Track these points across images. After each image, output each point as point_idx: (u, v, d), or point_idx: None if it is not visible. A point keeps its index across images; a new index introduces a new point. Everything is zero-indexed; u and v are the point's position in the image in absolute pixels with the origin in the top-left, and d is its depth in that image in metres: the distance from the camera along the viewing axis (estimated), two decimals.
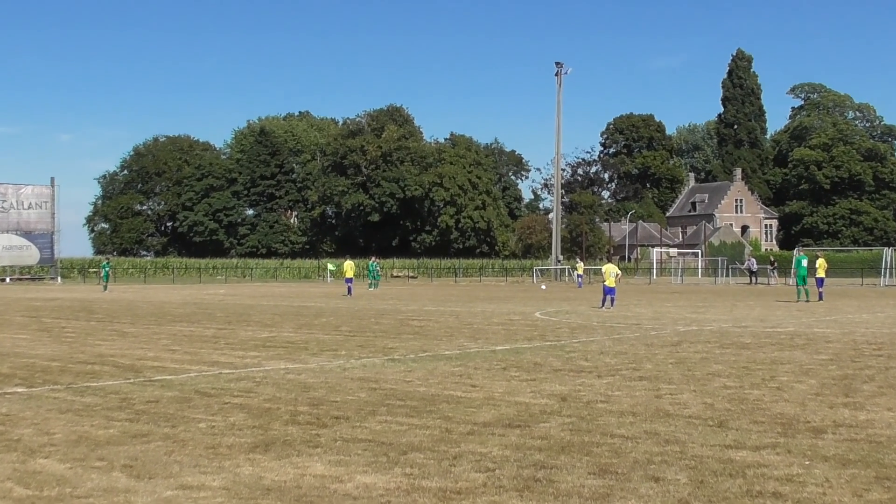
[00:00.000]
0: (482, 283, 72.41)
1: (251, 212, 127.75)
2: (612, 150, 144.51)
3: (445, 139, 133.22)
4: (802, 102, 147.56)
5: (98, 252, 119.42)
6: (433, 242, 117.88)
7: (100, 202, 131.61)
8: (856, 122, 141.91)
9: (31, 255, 76.46)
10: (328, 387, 12.29)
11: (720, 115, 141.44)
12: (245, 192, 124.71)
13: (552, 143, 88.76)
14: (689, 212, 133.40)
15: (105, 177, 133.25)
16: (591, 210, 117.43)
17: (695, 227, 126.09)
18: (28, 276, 75.96)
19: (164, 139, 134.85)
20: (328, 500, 6.70)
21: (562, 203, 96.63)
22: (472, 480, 7.20)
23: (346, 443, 8.53)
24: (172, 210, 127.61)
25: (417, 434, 8.91)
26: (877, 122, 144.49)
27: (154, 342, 19.14)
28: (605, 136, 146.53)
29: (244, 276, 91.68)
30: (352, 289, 45.82)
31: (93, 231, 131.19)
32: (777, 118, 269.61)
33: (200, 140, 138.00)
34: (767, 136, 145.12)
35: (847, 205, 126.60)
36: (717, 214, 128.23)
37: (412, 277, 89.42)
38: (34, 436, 8.97)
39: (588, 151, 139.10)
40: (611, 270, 32.83)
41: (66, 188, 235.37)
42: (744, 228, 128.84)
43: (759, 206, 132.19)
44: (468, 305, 34.86)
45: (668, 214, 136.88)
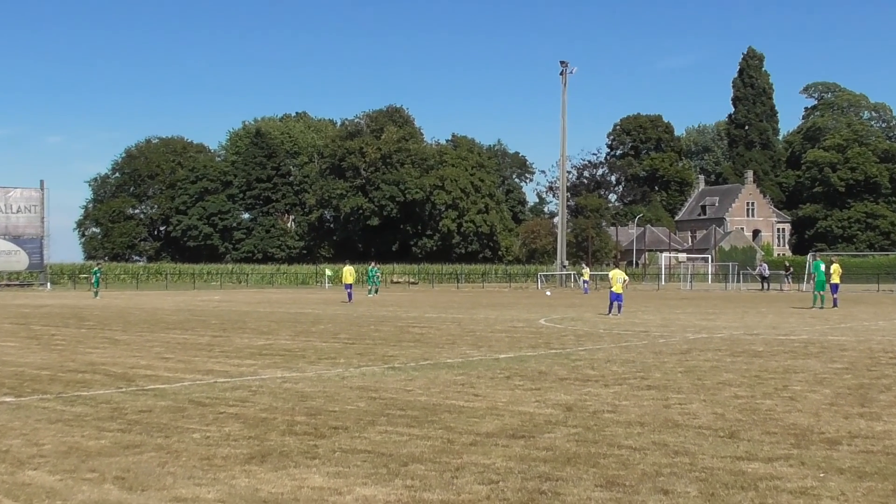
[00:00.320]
0: (485, 290, 72.42)
1: (247, 216, 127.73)
2: (619, 152, 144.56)
3: (447, 140, 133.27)
4: (816, 102, 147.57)
5: (89, 257, 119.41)
6: (434, 247, 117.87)
7: (90, 206, 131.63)
8: (871, 123, 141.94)
9: (20, 261, 76.48)
10: (326, 396, 12.30)
11: (731, 116, 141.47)
12: (240, 196, 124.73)
13: (557, 145, 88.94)
14: (699, 215, 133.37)
15: (96, 180, 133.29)
16: (598, 214, 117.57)
17: (705, 232, 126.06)
18: (17, 282, 75.98)
19: (157, 141, 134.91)
20: None
21: (567, 206, 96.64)
22: (475, 493, 7.20)
23: (345, 454, 8.54)
24: (165, 214, 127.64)
25: (418, 445, 8.92)
26: (893, 123, 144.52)
27: (147, 350, 19.15)
28: (612, 138, 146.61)
29: (239, 282, 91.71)
30: (352, 294, 45.83)
31: (83, 236, 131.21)
32: (790, 118, 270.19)
33: (194, 142, 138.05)
34: (780, 137, 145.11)
35: (862, 208, 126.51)
36: (728, 218, 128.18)
37: (413, 283, 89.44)
38: (23, 447, 8.98)
39: (594, 153, 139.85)
40: (618, 276, 32.85)
41: (56, 191, 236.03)
42: (755, 233, 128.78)
43: (772, 210, 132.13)
44: (470, 312, 34.87)
45: (677, 218, 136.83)
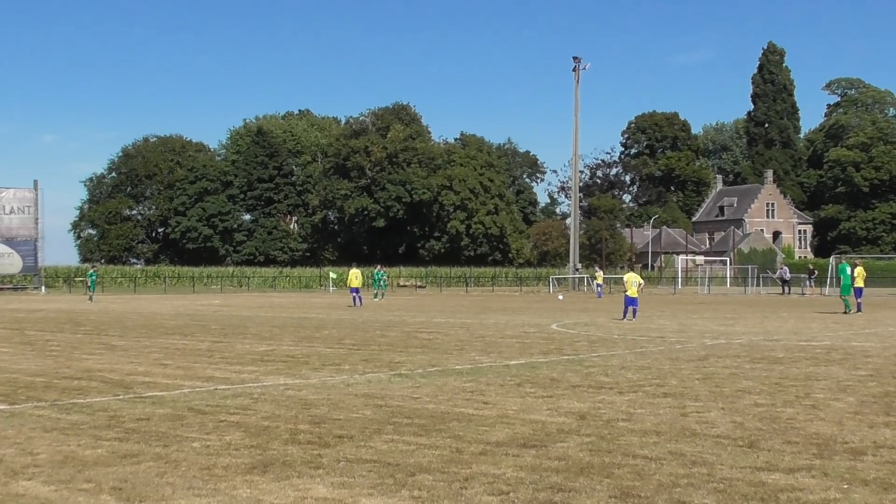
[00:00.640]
0: (495, 293, 72.39)
1: (248, 217, 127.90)
2: (634, 151, 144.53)
3: (455, 139, 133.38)
4: (839, 99, 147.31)
5: (84, 260, 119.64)
6: (442, 250, 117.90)
7: (86, 207, 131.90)
8: None
9: (13, 264, 76.71)
10: (331, 404, 12.30)
11: (750, 113, 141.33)
12: (241, 196, 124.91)
13: (569, 144, 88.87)
14: (717, 217, 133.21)
15: (92, 180, 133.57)
16: (612, 215, 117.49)
17: (723, 234, 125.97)
18: (10, 286, 76.20)
19: (155, 139, 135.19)
20: None
21: (580, 207, 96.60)
22: None
23: (350, 463, 8.54)
24: (164, 215, 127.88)
25: (426, 454, 8.92)
26: None
27: (145, 356, 19.19)
28: (627, 136, 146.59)
29: (241, 286, 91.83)
30: (359, 299, 45.75)
31: (79, 237, 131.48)
32: (811, 116, 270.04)
33: (194, 140, 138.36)
34: (801, 136, 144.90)
35: (887, 209, 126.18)
36: (747, 219, 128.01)
37: (420, 287, 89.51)
38: (17, 456, 8.99)
39: (608, 152, 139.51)
40: (633, 279, 32.81)
41: (51, 192, 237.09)
42: (775, 234, 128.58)
43: (792, 211, 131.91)
44: (480, 317, 34.86)
45: (694, 220, 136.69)
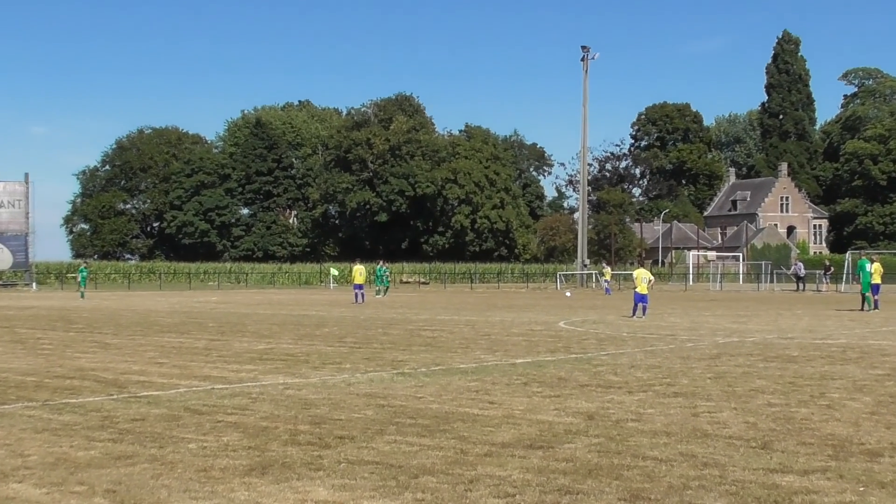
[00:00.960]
0: (500, 290, 72.38)
1: (246, 211, 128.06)
2: (644, 143, 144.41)
3: (460, 131, 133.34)
4: (856, 89, 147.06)
5: (77, 255, 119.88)
6: (447, 245, 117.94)
7: (79, 201, 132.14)
8: None
9: (4, 260, 76.75)
10: (331, 403, 12.31)
11: (764, 104, 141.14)
12: (239, 190, 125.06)
13: (577, 136, 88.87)
14: (730, 211, 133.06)
15: (84, 173, 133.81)
16: (621, 209, 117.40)
17: (735, 228, 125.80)
18: (0, 283, 76.29)
19: (150, 131, 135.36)
20: None
21: (588, 201, 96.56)
22: None
23: (352, 465, 8.54)
24: (159, 209, 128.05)
25: (430, 456, 8.92)
26: None
27: (139, 354, 19.21)
28: (637, 128, 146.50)
29: (238, 282, 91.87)
30: (362, 296, 45.76)
31: (71, 232, 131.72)
32: (827, 107, 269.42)
33: (190, 132, 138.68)
34: (816, 128, 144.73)
35: None
36: (761, 214, 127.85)
37: (424, 283, 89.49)
38: (7, 458, 9.01)
39: (617, 144, 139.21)
40: (642, 276, 32.79)
41: (42, 185, 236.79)
42: (790, 229, 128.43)
43: (807, 205, 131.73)
44: (485, 314, 34.86)
45: (706, 214, 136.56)
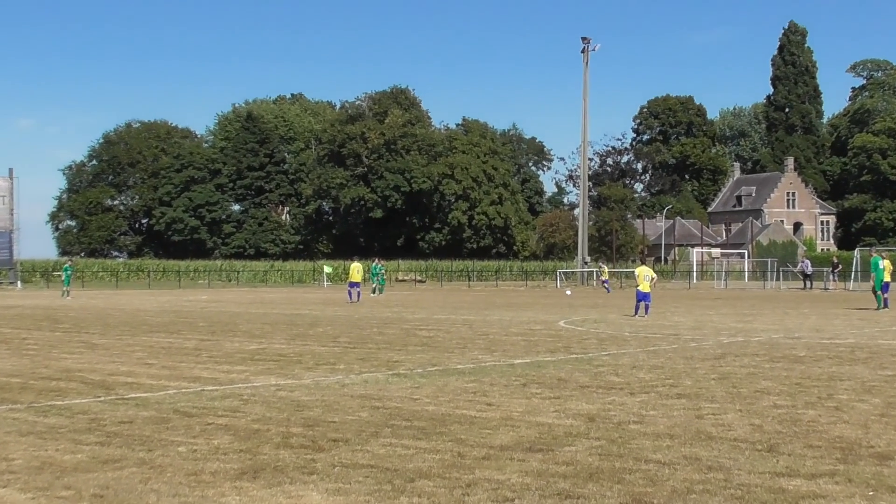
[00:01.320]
0: (499, 288, 72.42)
1: (237, 207, 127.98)
2: (646, 137, 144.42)
3: (457, 125, 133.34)
4: (864, 82, 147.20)
5: (63, 253, 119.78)
6: (443, 242, 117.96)
7: (65, 196, 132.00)
8: None
9: None
10: (325, 405, 12.31)
11: (769, 97, 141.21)
12: (230, 186, 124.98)
13: (578, 130, 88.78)
14: (734, 207, 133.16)
15: (71, 168, 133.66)
16: (623, 205, 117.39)
17: (740, 225, 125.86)
18: None
19: (139, 125, 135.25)
20: None
21: (589, 197, 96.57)
22: None
23: (346, 469, 8.55)
24: (148, 205, 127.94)
25: (426, 459, 8.93)
26: None
27: (127, 355, 19.20)
28: (638, 122, 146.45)
29: (229, 281, 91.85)
30: (358, 294, 45.73)
31: (57, 229, 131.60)
32: (835, 100, 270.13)
33: (179, 126, 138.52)
34: (824, 121, 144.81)
35: None
36: (766, 210, 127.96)
37: (420, 281, 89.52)
38: None
39: (619, 139, 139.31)
40: (645, 273, 32.81)
41: (27, 180, 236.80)
42: (796, 226, 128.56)
43: (814, 201, 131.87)
44: (483, 313, 34.89)
45: (710, 210, 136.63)
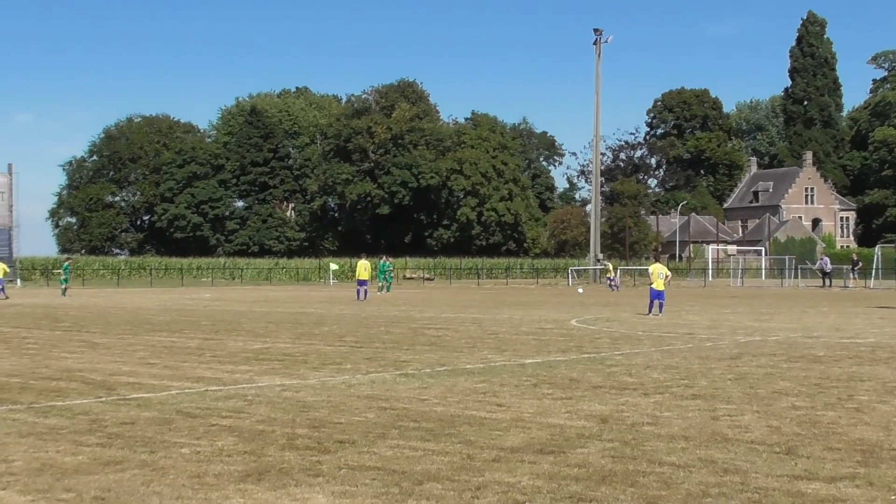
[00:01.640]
0: (509, 286, 72.38)
1: (241, 204, 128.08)
2: (660, 132, 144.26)
3: (466, 119, 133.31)
4: (885, 73, 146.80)
5: (64, 250, 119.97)
6: (452, 239, 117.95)
7: (65, 193, 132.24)
8: None
9: None
10: (331, 406, 12.33)
11: (787, 90, 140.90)
12: (234, 181, 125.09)
13: (590, 124, 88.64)
14: (751, 203, 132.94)
15: (71, 163, 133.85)
16: (636, 201, 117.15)
17: (757, 221, 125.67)
18: None
19: (140, 120, 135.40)
20: None
21: (601, 193, 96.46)
22: None
23: (352, 471, 8.55)
24: (149, 202, 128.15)
25: (434, 461, 8.93)
26: None
27: (129, 355, 19.24)
28: (652, 115, 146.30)
29: (233, 278, 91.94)
30: (365, 292, 45.75)
31: (57, 226, 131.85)
32: (855, 92, 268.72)
33: (182, 121, 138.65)
34: (843, 114, 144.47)
35: None
36: (784, 206, 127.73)
37: (428, 279, 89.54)
38: None
39: (632, 133, 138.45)
40: (659, 271, 32.78)
41: (26, 176, 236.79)
42: (815, 222, 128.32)
43: (834, 196, 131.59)
44: (493, 312, 34.88)
45: (726, 206, 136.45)
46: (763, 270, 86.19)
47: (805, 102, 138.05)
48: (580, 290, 59.81)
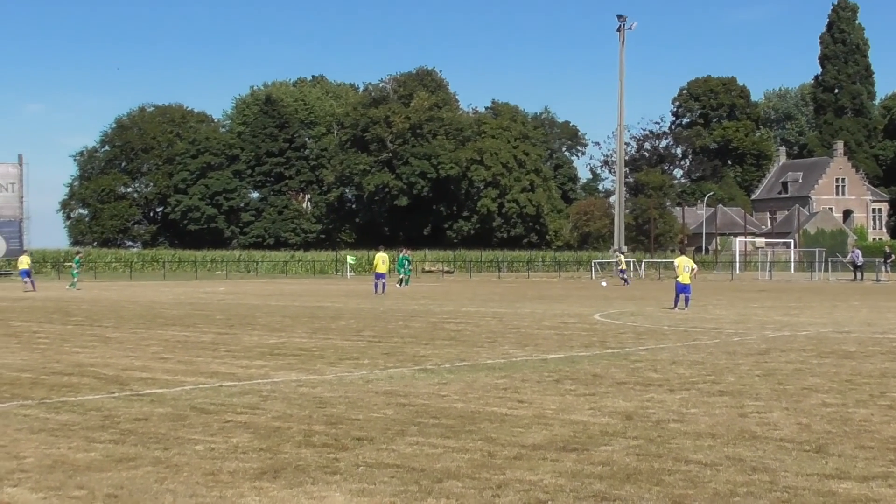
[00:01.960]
0: (530, 280, 72.34)
1: (256, 195, 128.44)
2: (686, 121, 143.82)
3: (486, 108, 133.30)
4: None
5: (75, 242, 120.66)
6: (472, 231, 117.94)
7: (76, 184, 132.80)
8: None
9: None
10: (348, 402, 12.34)
11: (817, 77, 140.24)
12: (249, 172, 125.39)
13: (613, 113, 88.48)
14: (780, 194, 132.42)
15: (82, 154, 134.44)
16: (661, 192, 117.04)
17: (786, 213, 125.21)
18: None
19: (153, 109, 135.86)
20: None
21: (625, 184, 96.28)
22: None
23: (370, 469, 8.56)
24: (162, 193, 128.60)
25: (454, 458, 8.93)
26: None
27: (142, 349, 19.31)
28: (678, 104, 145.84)
29: (248, 272, 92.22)
30: (383, 286, 45.74)
31: (69, 218, 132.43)
32: (888, 80, 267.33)
33: (195, 110, 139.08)
34: (876, 102, 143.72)
35: None
36: (814, 197, 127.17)
37: (447, 272, 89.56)
38: (1, 460, 9.06)
39: (657, 122, 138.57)
40: (685, 264, 32.70)
41: (37, 167, 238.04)
42: (846, 213, 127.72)
43: (866, 187, 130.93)
44: (514, 306, 34.87)
45: (754, 197, 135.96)
46: (792, 263, 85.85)
47: (836, 90, 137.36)
48: (604, 284, 59.67)
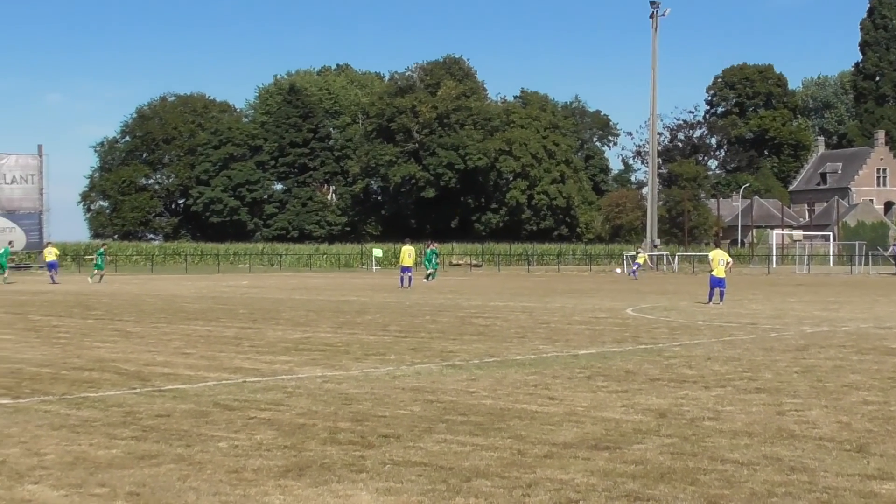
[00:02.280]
0: (560, 273, 72.28)
1: (280, 186, 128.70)
2: (721, 110, 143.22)
3: (515, 97, 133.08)
4: None
5: (96, 235, 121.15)
6: (500, 223, 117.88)
7: (97, 175, 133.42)
8: None
9: (16, 239, 77.65)
10: (374, 399, 12.36)
11: (858, 65, 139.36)
12: (272, 163, 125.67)
13: (646, 102, 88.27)
14: (818, 185, 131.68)
15: (103, 144, 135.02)
16: (695, 183, 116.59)
17: (825, 204, 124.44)
18: (12, 265, 77.21)
19: (174, 99, 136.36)
20: None
21: (658, 175, 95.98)
22: None
23: (397, 467, 8.57)
24: (184, 185, 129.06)
25: (483, 457, 8.93)
26: None
27: (164, 344, 19.40)
28: (713, 93, 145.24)
29: (271, 265, 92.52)
30: (409, 280, 45.74)
31: (89, 210, 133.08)
32: None
33: (217, 100, 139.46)
34: None
35: None
36: (854, 188, 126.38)
37: (475, 266, 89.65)
38: (22, 457, 9.12)
39: (691, 111, 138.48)
40: (720, 258, 32.62)
41: (57, 158, 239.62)
42: (888, 205, 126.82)
43: None
44: (544, 300, 34.85)
45: (791, 188, 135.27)
46: (831, 257, 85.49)
47: (877, 78, 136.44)
48: (618, 271, 59.32)
